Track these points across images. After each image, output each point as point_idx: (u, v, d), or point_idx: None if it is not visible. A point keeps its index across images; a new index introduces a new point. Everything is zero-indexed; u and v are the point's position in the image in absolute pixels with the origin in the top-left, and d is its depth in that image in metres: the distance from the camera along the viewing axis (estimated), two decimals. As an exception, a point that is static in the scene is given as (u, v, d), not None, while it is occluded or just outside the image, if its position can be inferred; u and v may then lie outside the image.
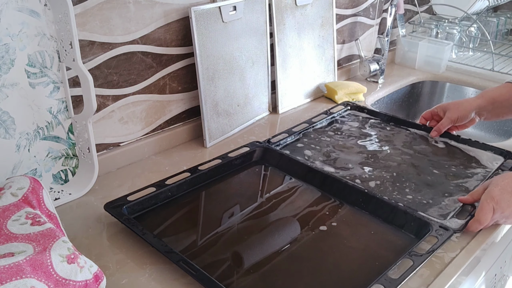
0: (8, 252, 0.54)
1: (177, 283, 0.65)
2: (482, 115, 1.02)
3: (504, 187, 0.76)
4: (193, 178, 0.86)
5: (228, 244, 0.73)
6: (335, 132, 1.08)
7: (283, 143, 1.01)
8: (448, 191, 0.86)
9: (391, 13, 1.36)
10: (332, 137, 1.06)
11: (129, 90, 0.92)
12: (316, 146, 1.01)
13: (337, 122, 1.13)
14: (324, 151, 0.99)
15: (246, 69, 1.08)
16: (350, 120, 1.14)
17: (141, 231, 0.70)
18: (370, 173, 0.91)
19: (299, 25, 1.19)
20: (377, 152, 1.00)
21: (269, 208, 0.82)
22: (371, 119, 1.14)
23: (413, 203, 0.82)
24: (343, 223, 0.78)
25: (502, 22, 1.73)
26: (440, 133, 1.04)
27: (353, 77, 1.47)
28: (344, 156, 0.97)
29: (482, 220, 0.74)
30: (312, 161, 0.95)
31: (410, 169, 0.94)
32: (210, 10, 0.96)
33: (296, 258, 0.70)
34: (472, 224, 0.75)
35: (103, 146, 0.91)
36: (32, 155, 0.78)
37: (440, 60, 1.51)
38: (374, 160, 0.97)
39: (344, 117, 1.16)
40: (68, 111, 0.82)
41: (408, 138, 1.06)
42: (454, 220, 0.77)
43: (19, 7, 0.71)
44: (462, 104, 1.02)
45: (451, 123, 1.02)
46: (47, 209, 0.66)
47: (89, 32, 0.83)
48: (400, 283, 0.62)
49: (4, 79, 0.72)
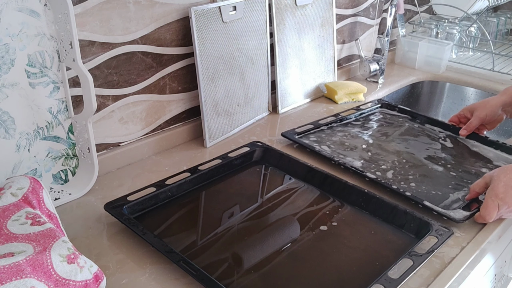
0: (8, 252, 0.54)
1: (177, 283, 0.65)
2: (508, 112, 1.04)
3: (507, 182, 0.76)
4: (193, 178, 0.86)
5: (228, 244, 0.73)
6: (361, 127, 1.10)
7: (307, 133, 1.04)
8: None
9: (391, 13, 1.37)
10: (355, 130, 1.09)
11: (129, 90, 0.92)
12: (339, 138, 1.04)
13: (365, 118, 1.16)
14: (347, 145, 1.02)
15: (246, 69, 1.08)
16: (378, 117, 1.16)
17: (141, 231, 0.70)
18: (388, 166, 0.94)
19: (299, 25, 1.19)
20: (399, 147, 1.02)
21: (269, 208, 0.82)
22: (400, 117, 1.16)
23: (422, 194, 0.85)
24: (343, 223, 0.78)
25: (502, 22, 1.73)
26: (469, 131, 1.04)
27: (353, 77, 1.48)
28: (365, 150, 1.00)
29: (487, 218, 0.76)
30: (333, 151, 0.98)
31: (430, 164, 0.96)
32: (210, 10, 0.96)
33: (296, 258, 0.70)
34: (477, 219, 0.78)
35: (103, 146, 0.91)
36: (32, 155, 0.78)
37: (440, 60, 1.51)
38: (395, 154, 0.99)
39: (374, 114, 1.18)
40: (68, 111, 0.82)
41: (434, 136, 1.07)
42: (458, 211, 0.78)
43: (19, 7, 0.71)
44: (488, 102, 1.03)
45: (480, 121, 1.03)
46: (47, 209, 0.66)
47: (89, 32, 0.83)
48: (400, 283, 0.62)
49: (4, 79, 0.72)
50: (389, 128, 1.11)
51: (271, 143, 1.02)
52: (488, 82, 1.44)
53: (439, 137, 1.07)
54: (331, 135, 1.06)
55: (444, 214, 0.77)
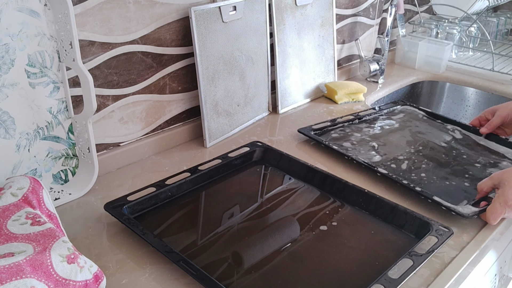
0: (8, 252, 0.54)
1: (177, 283, 0.65)
2: None
3: None
4: (193, 178, 0.86)
5: (228, 244, 0.73)
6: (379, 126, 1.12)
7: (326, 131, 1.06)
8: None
9: (391, 13, 1.36)
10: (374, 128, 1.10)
11: (129, 90, 0.92)
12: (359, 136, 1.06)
13: (383, 115, 1.18)
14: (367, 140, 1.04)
15: (246, 69, 1.08)
16: (397, 116, 1.18)
17: (141, 231, 0.70)
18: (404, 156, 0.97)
19: (299, 25, 1.19)
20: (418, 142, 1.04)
21: (269, 208, 0.82)
22: (419, 114, 1.18)
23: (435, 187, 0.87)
24: (343, 223, 0.78)
25: (502, 22, 1.73)
26: (490, 130, 1.06)
27: (353, 77, 1.47)
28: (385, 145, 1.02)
29: (491, 221, 0.78)
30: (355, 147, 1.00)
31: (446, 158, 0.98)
32: (210, 10, 0.96)
33: (296, 258, 0.70)
34: (482, 217, 0.79)
35: (103, 146, 0.91)
36: (32, 155, 0.78)
37: (440, 60, 1.51)
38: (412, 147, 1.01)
39: (394, 113, 1.19)
40: (68, 111, 0.82)
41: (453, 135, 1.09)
42: (467, 207, 0.79)
43: (19, 7, 0.71)
44: (510, 103, 1.05)
45: (501, 120, 1.04)
46: (47, 209, 0.66)
47: (89, 32, 0.83)
48: (400, 283, 0.62)
49: (4, 79, 0.72)
50: (406, 124, 1.13)
51: (271, 143, 1.02)
52: (488, 82, 1.44)
53: (453, 132, 1.10)
54: (348, 132, 1.07)
55: (453, 209, 0.78)
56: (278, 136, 1.07)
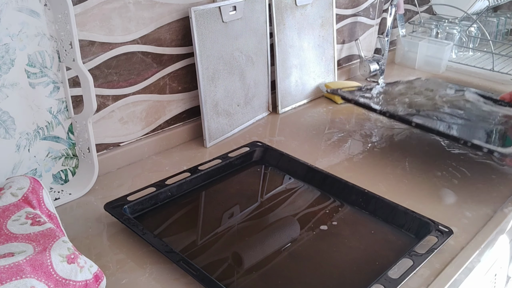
0: (8, 252, 0.54)
1: (177, 283, 0.65)
2: None
3: None
4: (193, 178, 0.86)
5: (228, 244, 0.73)
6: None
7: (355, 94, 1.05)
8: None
9: (391, 13, 1.36)
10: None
11: (129, 90, 0.92)
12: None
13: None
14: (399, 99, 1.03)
15: (246, 69, 1.08)
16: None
17: (141, 231, 0.70)
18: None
19: (299, 25, 1.19)
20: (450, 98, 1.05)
21: (269, 208, 0.82)
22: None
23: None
24: (343, 222, 0.78)
25: (502, 22, 1.73)
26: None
27: (353, 77, 1.48)
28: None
29: None
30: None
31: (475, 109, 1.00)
32: (210, 10, 0.96)
33: (296, 258, 0.70)
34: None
35: (103, 146, 0.91)
36: (32, 155, 0.78)
37: (440, 60, 1.51)
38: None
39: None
40: (68, 111, 0.82)
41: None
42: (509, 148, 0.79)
43: (19, 7, 0.71)
44: None
45: None
46: (47, 209, 0.66)
47: (89, 32, 0.83)
48: (400, 283, 0.62)
49: (4, 79, 0.72)
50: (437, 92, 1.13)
51: (271, 143, 1.02)
52: (488, 82, 1.44)
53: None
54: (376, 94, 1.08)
55: (495, 150, 0.76)
56: (278, 136, 1.07)
